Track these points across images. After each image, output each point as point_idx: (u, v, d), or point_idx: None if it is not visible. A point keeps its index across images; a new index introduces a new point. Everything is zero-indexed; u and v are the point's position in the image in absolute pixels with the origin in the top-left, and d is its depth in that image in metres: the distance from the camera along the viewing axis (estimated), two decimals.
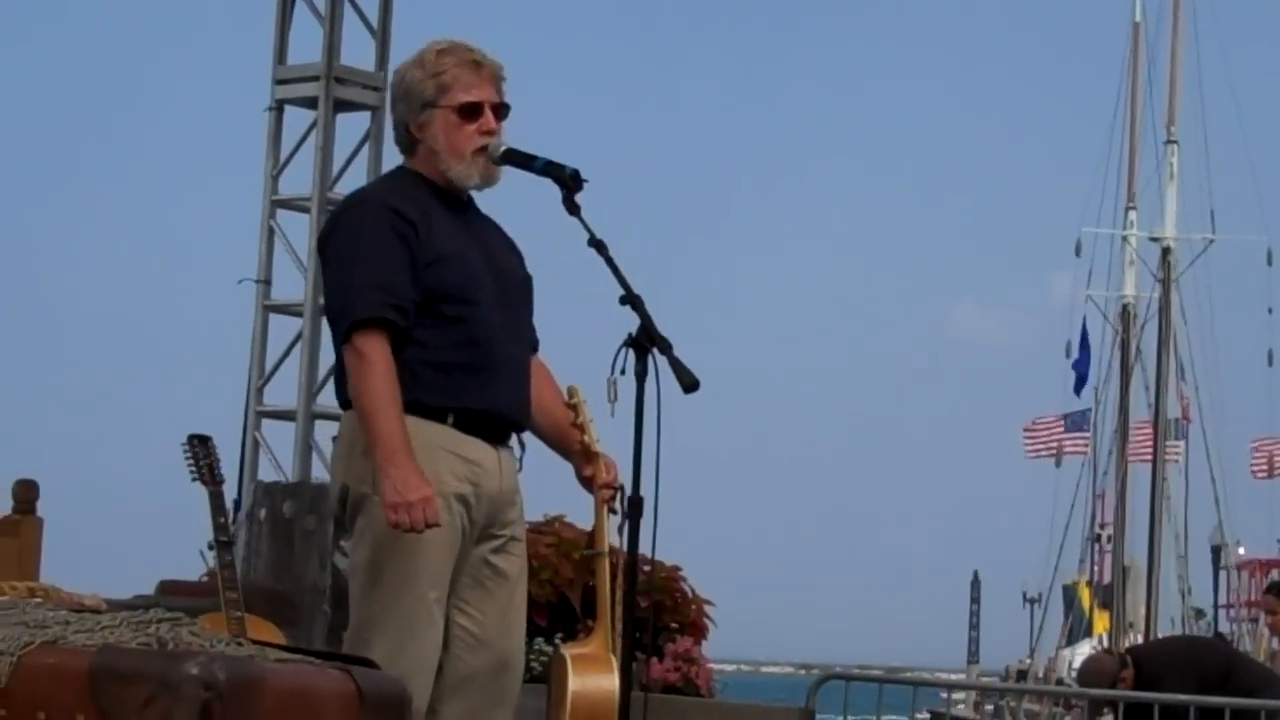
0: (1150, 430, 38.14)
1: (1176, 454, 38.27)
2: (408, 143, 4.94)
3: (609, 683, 4.83)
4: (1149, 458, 38.00)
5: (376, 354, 4.68)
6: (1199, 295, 37.88)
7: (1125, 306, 40.56)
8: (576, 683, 4.87)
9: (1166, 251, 37.91)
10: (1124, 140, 39.70)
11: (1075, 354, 39.55)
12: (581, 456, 4.92)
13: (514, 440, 4.94)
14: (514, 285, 4.90)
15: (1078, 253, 39.38)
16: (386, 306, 4.69)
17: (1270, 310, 37.99)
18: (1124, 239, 39.97)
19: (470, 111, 4.84)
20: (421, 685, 4.38)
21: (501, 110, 4.88)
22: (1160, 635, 34.34)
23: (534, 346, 5.04)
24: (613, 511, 4.88)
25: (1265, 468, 42.22)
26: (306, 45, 10.94)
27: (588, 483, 4.98)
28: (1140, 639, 35.41)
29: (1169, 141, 37.74)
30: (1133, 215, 39.88)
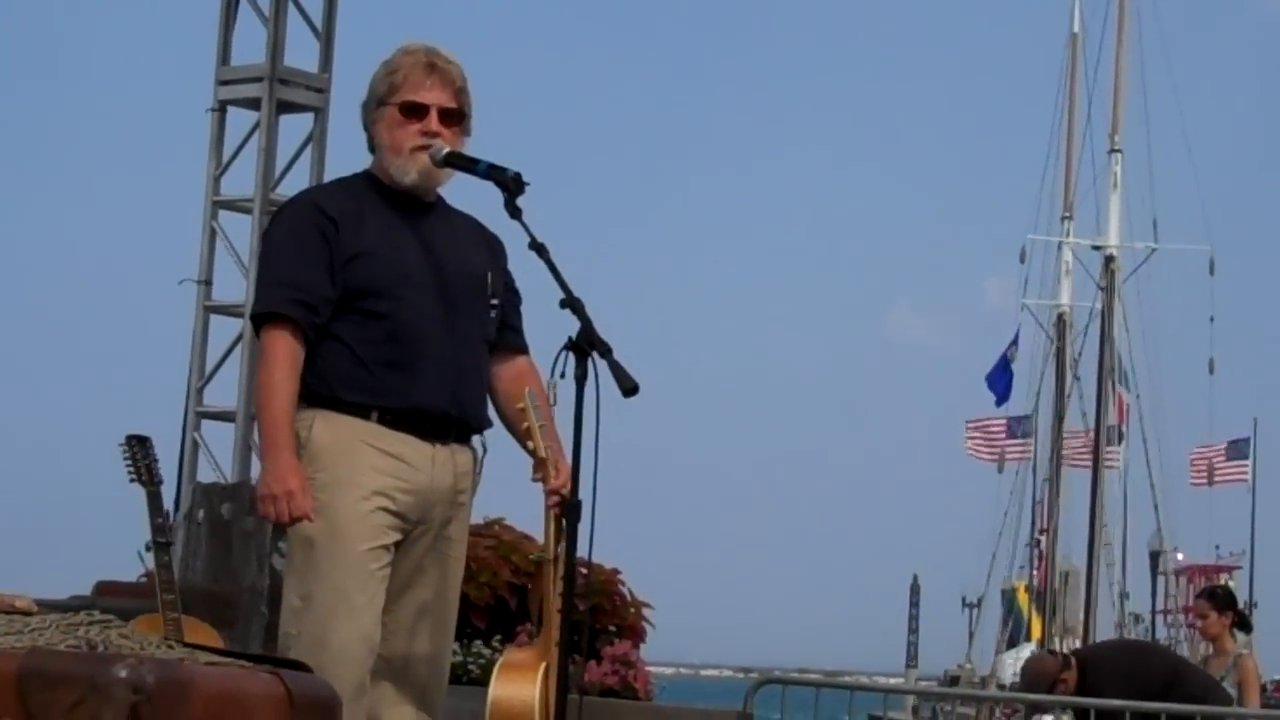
0: (1087, 437, 38.40)
1: (1114, 460, 38.56)
2: (370, 144, 4.95)
3: (529, 692, 4.83)
4: (1088, 464, 38.24)
5: (272, 348, 4.75)
6: (1141, 303, 38.18)
7: (1061, 315, 40.84)
8: (498, 689, 4.88)
9: (1109, 260, 38.15)
10: (1061, 151, 40.03)
11: (1004, 359, 39.80)
12: (535, 460, 4.91)
13: (476, 441, 4.93)
14: (462, 282, 4.88)
15: (1022, 259, 39.65)
16: (287, 301, 4.74)
17: (1212, 319, 38.35)
18: (1060, 248, 40.24)
19: (413, 110, 4.85)
20: (343, 675, 4.39)
21: (452, 115, 4.88)
22: (1098, 640, 34.53)
23: (515, 348, 5.02)
24: (559, 518, 4.85)
25: (1204, 475, 42.56)
26: (250, 46, 10.93)
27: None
28: (1077, 643, 35.66)
29: (1113, 150, 38.00)
30: (1069, 225, 40.13)
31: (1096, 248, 38.50)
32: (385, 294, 4.79)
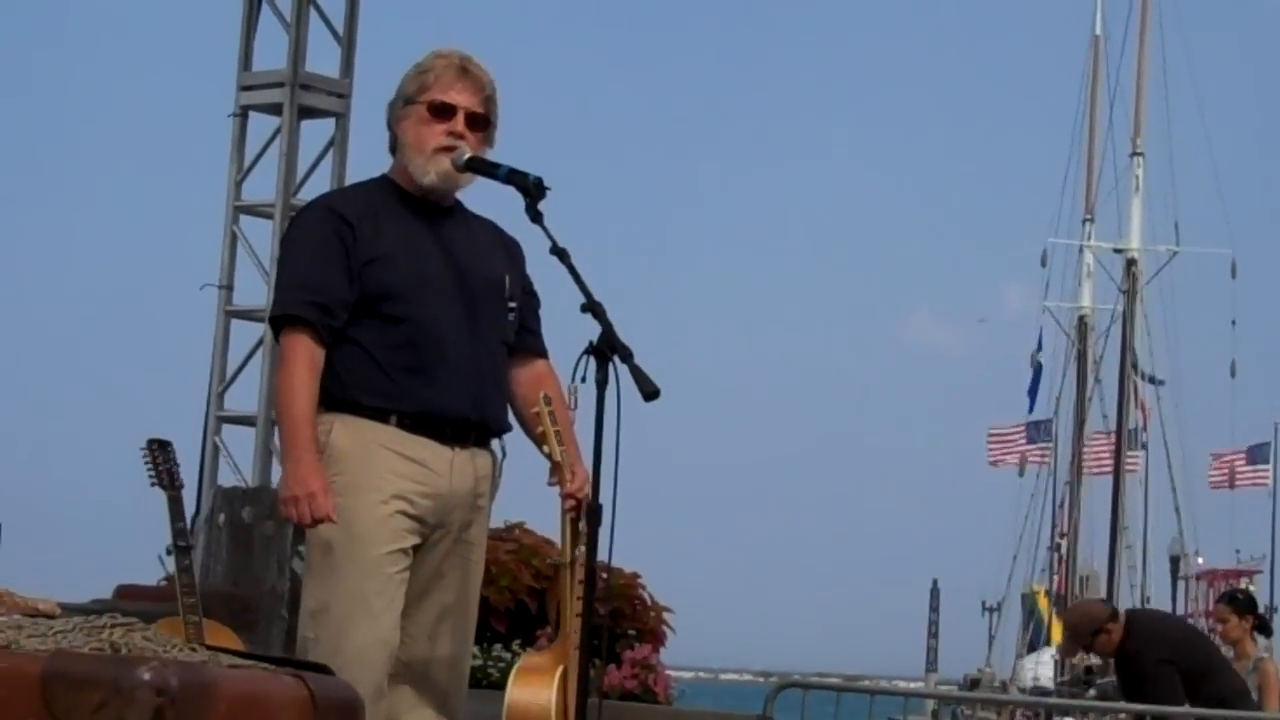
0: (1108, 441, 38.28)
1: (1135, 464, 38.44)
2: (391, 144, 4.96)
3: (545, 696, 4.84)
4: (1108, 469, 38.14)
5: (292, 351, 4.75)
6: (1163, 307, 38.07)
7: (1082, 318, 40.72)
8: (515, 693, 4.89)
9: (1131, 263, 38.03)
10: (1083, 153, 39.93)
11: (1037, 365, 39.75)
12: (551, 464, 4.91)
13: (496, 444, 4.94)
14: (481, 286, 4.88)
15: (1044, 263, 39.56)
16: (304, 304, 4.74)
17: (1234, 322, 38.24)
18: (1081, 250, 40.13)
19: (442, 111, 4.85)
20: (361, 678, 4.41)
21: (479, 121, 4.89)
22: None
23: (534, 351, 5.02)
24: (575, 521, 4.85)
25: (1225, 479, 42.41)
26: (272, 52, 10.96)
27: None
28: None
29: (1134, 154, 37.88)
30: (1090, 228, 40.02)
31: (1118, 251, 38.39)
32: (403, 298, 4.79)
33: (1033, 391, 40.32)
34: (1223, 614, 10.54)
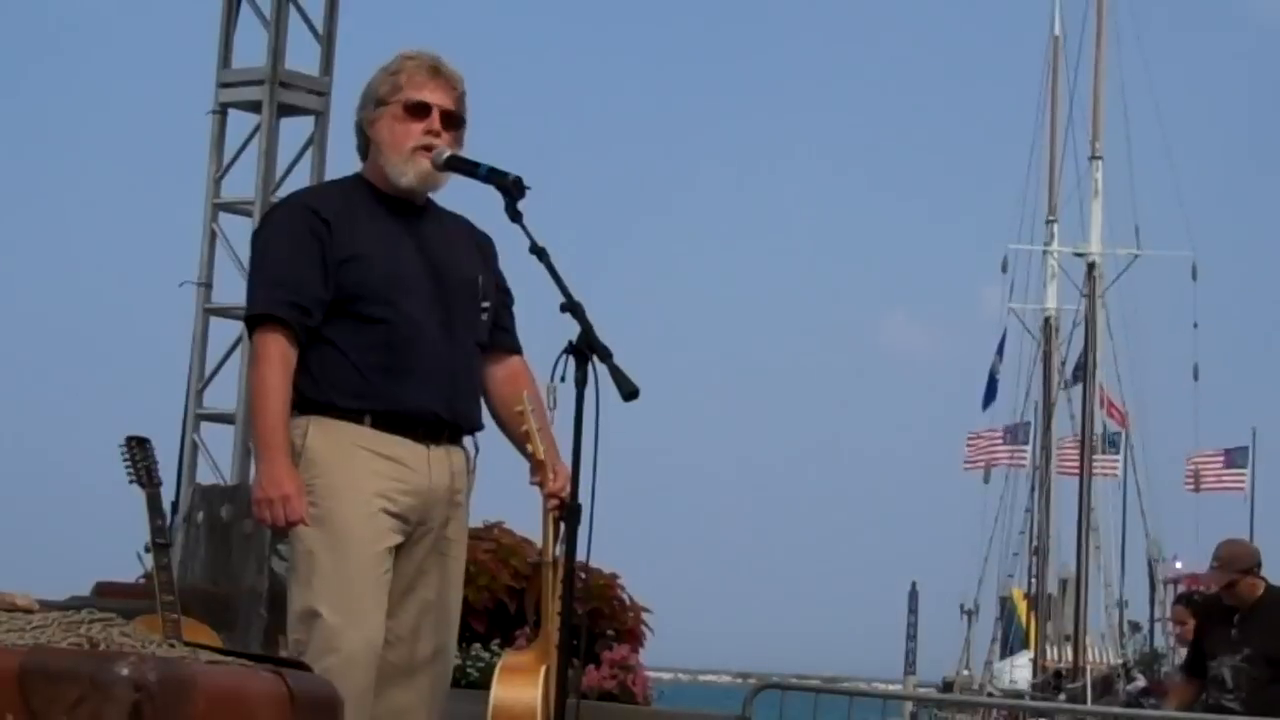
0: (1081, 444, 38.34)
1: (1114, 468, 38.47)
2: (362, 146, 4.95)
3: (530, 694, 4.83)
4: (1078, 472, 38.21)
5: (266, 350, 4.72)
6: (1124, 310, 38.10)
7: (1047, 319, 40.76)
8: (499, 693, 4.88)
9: (1092, 267, 38.06)
10: (1045, 153, 39.96)
11: (1001, 368, 39.85)
12: (533, 463, 4.91)
13: (469, 442, 4.93)
14: (455, 285, 4.87)
15: (1004, 269, 39.59)
16: (281, 303, 4.72)
17: (1195, 325, 38.30)
18: (1045, 252, 40.16)
19: (417, 110, 4.85)
20: (351, 678, 4.40)
21: (453, 119, 4.89)
22: (1089, 648, 34.75)
23: (508, 348, 5.02)
24: (558, 521, 4.85)
25: (1193, 482, 42.53)
26: (251, 49, 10.95)
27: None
28: (1068, 651, 35.78)
29: (1094, 157, 37.88)
30: (1054, 228, 40.02)
31: (1079, 254, 38.40)
32: (380, 298, 4.77)
33: (988, 397, 40.34)
34: (1181, 615, 10.64)
